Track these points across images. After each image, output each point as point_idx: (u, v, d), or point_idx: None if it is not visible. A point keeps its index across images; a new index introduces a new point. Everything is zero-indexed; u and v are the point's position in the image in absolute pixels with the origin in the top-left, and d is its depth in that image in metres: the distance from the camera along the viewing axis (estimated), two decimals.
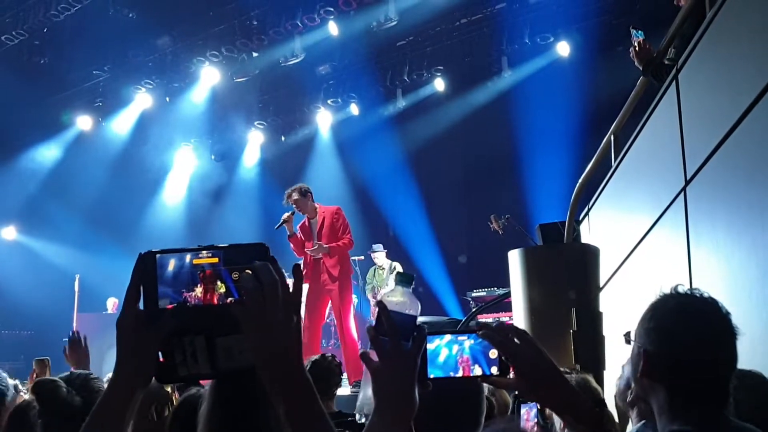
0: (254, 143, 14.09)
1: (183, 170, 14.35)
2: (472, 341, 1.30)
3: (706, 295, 1.47)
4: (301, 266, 7.27)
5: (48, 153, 13.14)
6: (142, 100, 12.62)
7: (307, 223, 7.21)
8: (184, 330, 0.98)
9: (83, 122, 13.04)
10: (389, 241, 11.13)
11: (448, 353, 1.30)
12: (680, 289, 1.48)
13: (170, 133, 13.44)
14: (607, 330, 4.11)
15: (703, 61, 3.31)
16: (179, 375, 1.00)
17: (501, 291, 8.02)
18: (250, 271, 0.96)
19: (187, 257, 1.00)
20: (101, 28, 10.94)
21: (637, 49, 4.19)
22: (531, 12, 10.32)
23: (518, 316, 4.47)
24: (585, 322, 4.06)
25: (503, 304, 7.09)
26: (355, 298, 11.15)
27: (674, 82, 3.56)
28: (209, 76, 11.96)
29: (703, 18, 3.32)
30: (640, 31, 4.33)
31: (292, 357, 0.95)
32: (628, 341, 1.66)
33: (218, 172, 14.44)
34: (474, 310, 7.71)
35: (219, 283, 0.99)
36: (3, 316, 12.39)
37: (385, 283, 10.01)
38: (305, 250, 6.99)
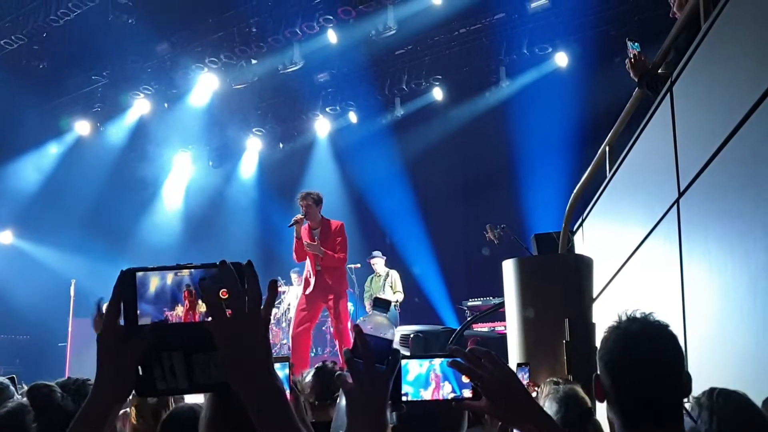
0: (252, 150, 14.11)
1: (181, 176, 14.35)
2: (443, 361, 1.34)
3: (654, 319, 1.51)
4: (304, 273, 7.39)
5: (46, 158, 13.13)
6: (140, 105, 12.62)
7: (308, 230, 7.21)
8: (162, 346, 1.01)
9: (82, 127, 13.05)
10: (387, 249, 11.13)
11: (418, 371, 1.34)
12: (635, 314, 1.53)
13: (168, 139, 13.45)
14: (600, 341, 4.12)
15: (697, 74, 3.32)
16: (157, 389, 1.03)
17: (496, 300, 8.03)
18: (225, 290, 0.99)
19: (169, 276, 1.03)
20: (100, 33, 10.95)
21: (632, 60, 4.21)
22: (530, 22, 10.34)
23: (512, 326, 4.47)
24: (578, 332, 4.07)
25: (498, 313, 7.10)
26: (351, 307, 11.18)
27: (668, 95, 3.57)
28: (208, 83, 11.98)
29: (698, 31, 3.33)
30: (636, 43, 4.35)
31: (259, 369, 0.98)
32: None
33: (216, 178, 14.44)
34: (469, 319, 7.71)
35: (200, 302, 1.01)
36: (0, 321, 12.37)
37: (381, 290, 10.00)
38: (304, 242, 7.05)
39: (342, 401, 1.21)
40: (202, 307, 1.01)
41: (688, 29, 3.71)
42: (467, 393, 1.32)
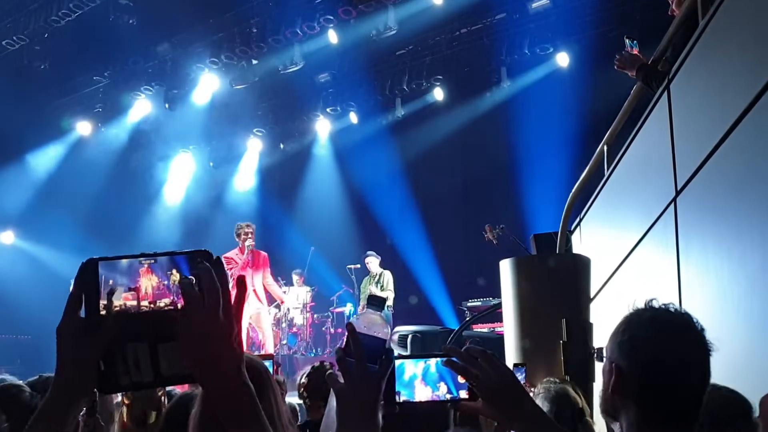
0: (253, 150, 14.10)
1: (181, 176, 14.35)
2: (439, 361, 1.30)
3: (680, 309, 1.44)
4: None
5: (47, 158, 13.14)
6: (141, 106, 12.64)
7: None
8: (126, 337, 0.95)
9: (83, 128, 13.07)
10: (386, 250, 11.10)
11: (414, 371, 1.30)
12: (654, 303, 1.45)
13: (169, 139, 13.46)
14: (597, 341, 4.08)
15: (694, 71, 3.29)
16: (121, 384, 0.97)
17: (496, 301, 7.99)
18: (192, 277, 0.94)
19: (134, 264, 0.97)
20: (102, 34, 10.96)
21: (620, 56, 4.15)
22: (531, 22, 10.32)
23: (509, 326, 4.44)
24: (575, 332, 4.03)
25: (498, 314, 7.06)
26: (351, 307, 11.16)
27: (666, 92, 3.54)
28: (209, 83, 11.99)
29: (695, 28, 3.30)
30: (634, 41, 4.32)
31: (227, 365, 0.93)
32: (600, 358, 1.65)
33: (216, 178, 14.44)
34: (467, 320, 7.68)
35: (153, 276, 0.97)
36: (1, 320, 12.37)
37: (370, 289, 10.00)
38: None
39: (332, 401, 1.17)
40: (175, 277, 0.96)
41: (686, 26, 3.68)
42: (463, 394, 1.29)
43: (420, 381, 1.34)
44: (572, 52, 10.41)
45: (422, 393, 1.31)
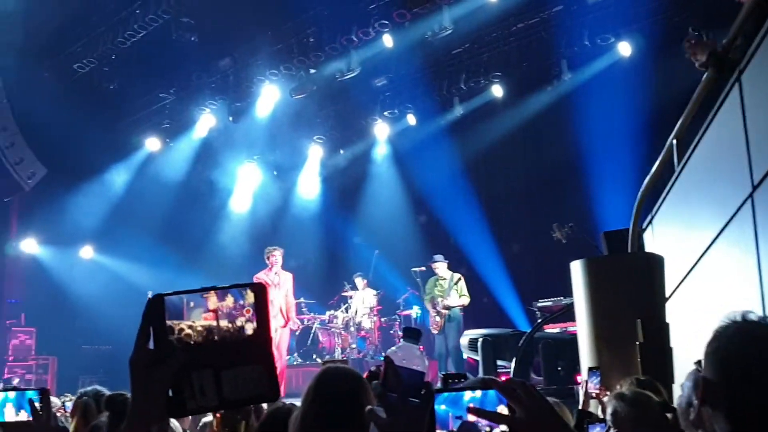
0: (314, 157, 14.30)
1: (247, 186, 14.68)
2: (479, 394, 1.31)
3: None
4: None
5: (120, 174, 13.64)
6: (206, 120, 13.00)
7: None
8: (192, 365, 1.04)
9: (152, 144, 13.52)
10: (450, 251, 11.03)
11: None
12: (748, 316, 1.42)
13: (234, 150, 13.79)
14: (675, 342, 3.97)
15: (767, 61, 3.16)
16: (188, 408, 1.05)
17: (567, 300, 7.86)
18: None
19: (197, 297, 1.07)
20: (165, 52, 11.33)
21: (691, 41, 4.00)
22: (590, 13, 10.09)
23: (582, 327, 4.37)
24: (651, 333, 3.93)
25: (570, 313, 6.94)
26: (417, 309, 11.17)
27: (737, 83, 3.41)
28: (269, 94, 12.23)
29: (765, 15, 3.18)
30: (702, 32, 4.17)
31: None
32: (699, 369, 1.62)
33: (280, 186, 14.70)
34: (539, 322, 7.55)
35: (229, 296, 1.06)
36: (84, 332, 12.91)
37: (447, 294, 9.91)
38: None
39: None
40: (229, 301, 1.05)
41: (757, 13, 3.54)
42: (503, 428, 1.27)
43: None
44: (634, 41, 10.13)
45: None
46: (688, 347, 3.76)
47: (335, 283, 12.35)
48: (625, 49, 10.23)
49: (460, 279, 10.02)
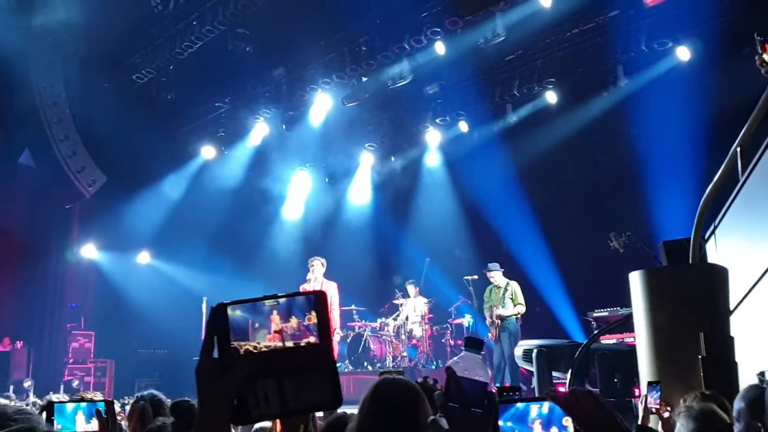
0: (366, 164, 14.37)
1: (299, 193, 14.84)
2: (545, 407, 1.31)
3: None
4: None
5: (177, 182, 13.96)
6: (260, 128, 13.24)
7: None
8: (256, 374, 1.05)
9: (207, 152, 13.82)
10: (503, 259, 10.89)
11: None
12: None
13: (287, 158, 13.97)
14: (740, 356, 3.82)
15: None
16: (252, 416, 1.07)
17: (624, 311, 7.66)
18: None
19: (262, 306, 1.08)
20: (221, 62, 11.59)
21: (764, 58, 3.88)
22: (647, 17, 9.87)
23: (641, 340, 4.25)
24: (715, 347, 3.80)
25: (626, 324, 6.76)
26: (470, 318, 11.07)
27: None
28: (322, 103, 12.36)
29: None
30: (765, 38, 4.04)
31: None
32: (762, 381, 1.56)
33: (332, 193, 14.81)
34: (595, 333, 7.38)
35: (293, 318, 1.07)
36: (141, 336, 13.22)
37: (501, 302, 9.76)
38: None
39: None
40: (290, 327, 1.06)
41: None
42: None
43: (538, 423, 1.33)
44: (693, 46, 9.86)
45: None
46: (755, 361, 3.62)
47: (386, 290, 12.35)
48: (683, 53, 9.97)
49: (510, 285, 9.86)
